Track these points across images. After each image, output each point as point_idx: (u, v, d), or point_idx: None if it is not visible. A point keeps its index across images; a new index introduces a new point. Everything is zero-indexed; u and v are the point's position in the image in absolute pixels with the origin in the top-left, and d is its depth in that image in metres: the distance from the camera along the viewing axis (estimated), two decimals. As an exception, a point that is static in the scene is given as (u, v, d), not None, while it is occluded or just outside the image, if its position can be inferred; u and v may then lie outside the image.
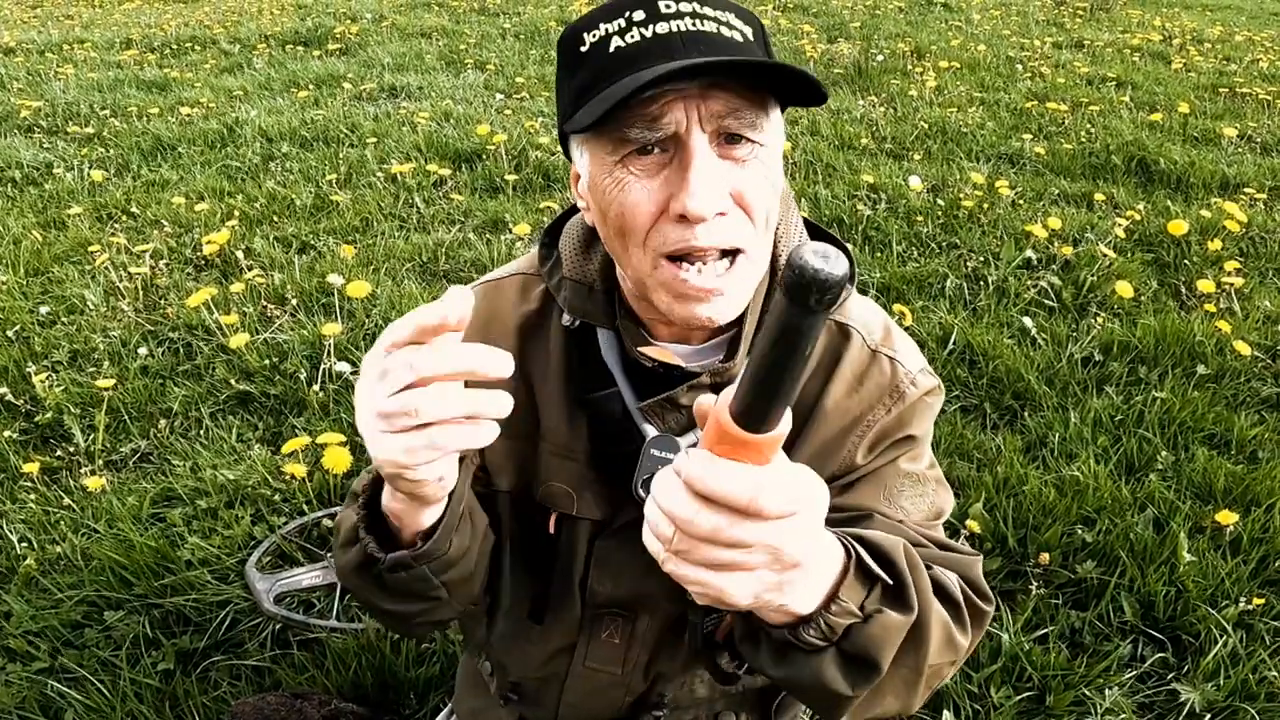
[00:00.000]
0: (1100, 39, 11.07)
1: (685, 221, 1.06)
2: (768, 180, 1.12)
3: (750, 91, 1.07)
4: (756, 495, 0.77)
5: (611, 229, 1.14)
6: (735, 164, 1.08)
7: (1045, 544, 2.95)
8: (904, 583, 1.02)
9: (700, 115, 1.05)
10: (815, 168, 6.44)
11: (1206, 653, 2.60)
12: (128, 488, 3.26)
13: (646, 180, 1.08)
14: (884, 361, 1.31)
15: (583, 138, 1.14)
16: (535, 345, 1.36)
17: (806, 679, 1.00)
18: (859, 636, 0.98)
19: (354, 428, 3.44)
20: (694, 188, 1.04)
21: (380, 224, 5.55)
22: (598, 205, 1.15)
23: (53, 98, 8.32)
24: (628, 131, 1.06)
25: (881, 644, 0.99)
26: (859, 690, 1.01)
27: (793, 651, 0.99)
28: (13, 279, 4.77)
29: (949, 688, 2.49)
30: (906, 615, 1.01)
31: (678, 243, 1.08)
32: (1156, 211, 5.68)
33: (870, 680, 1.01)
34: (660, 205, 1.08)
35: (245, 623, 2.72)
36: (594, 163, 1.13)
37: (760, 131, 1.09)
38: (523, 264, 1.44)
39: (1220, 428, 3.58)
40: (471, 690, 1.74)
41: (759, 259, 1.16)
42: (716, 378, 1.23)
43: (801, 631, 0.96)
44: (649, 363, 1.24)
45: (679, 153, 1.06)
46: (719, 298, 1.11)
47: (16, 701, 2.47)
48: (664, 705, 1.47)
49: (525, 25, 11.64)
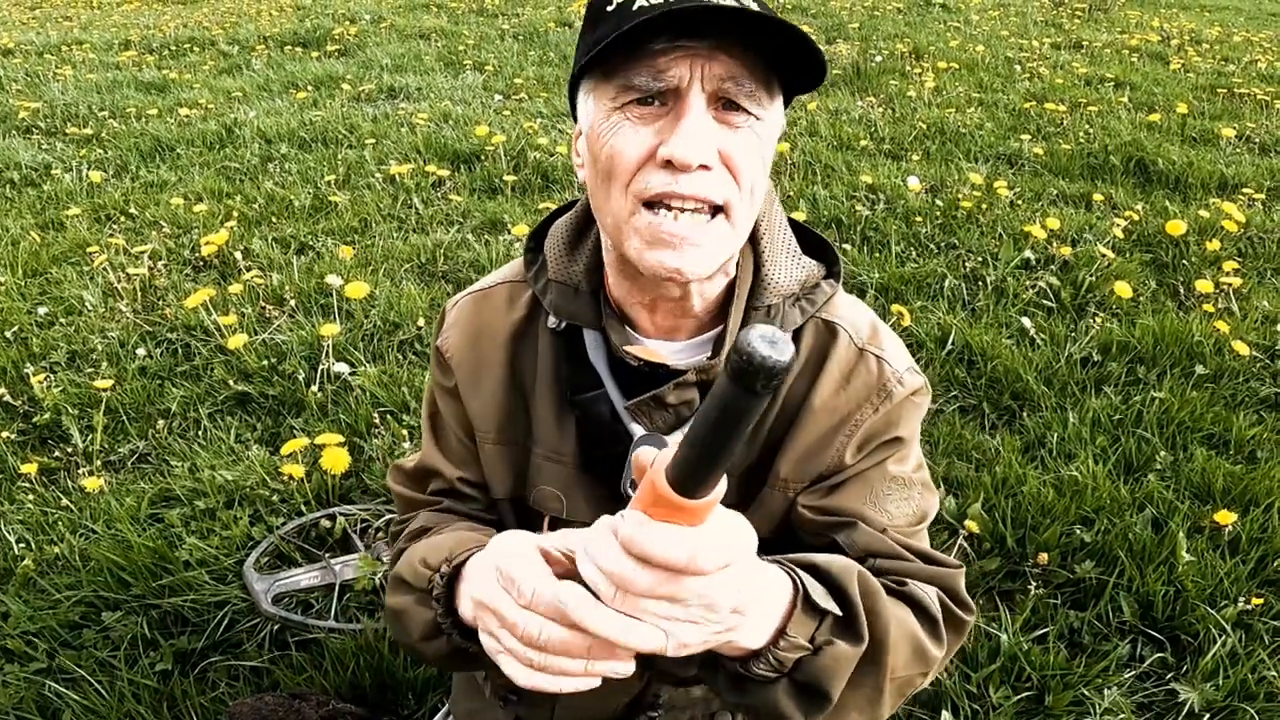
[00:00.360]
0: (1098, 40, 11.08)
1: (670, 168, 1.09)
2: (758, 152, 1.14)
3: (754, 63, 1.10)
4: (694, 557, 0.80)
5: (600, 173, 1.16)
6: (728, 128, 1.11)
7: (1044, 544, 2.95)
8: (854, 613, 1.04)
9: (703, 74, 1.08)
10: (814, 168, 6.44)
11: (1205, 652, 2.60)
12: (126, 488, 3.26)
13: (641, 126, 1.11)
14: (871, 360, 1.31)
15: (590, 86, 1.17)
16: (524, 351, 1.37)
17: (761, 707, 1.05)
18: (809, 668, 1.01)
19: (351, 428, 3.45)
20: (682, 133, 1.07)
21: (379, 225, 5.55)
22: (591, 151, 1.18)
23: (51, 99, 8.32)
24: (633, 78, 1.09)
25: (831, 674, 1.02)
26: (812, 717, 1.05)
27: (747, 682, 1.03)
28: (11, 280, 4.77)
29: (948, 688, 2.49)
30: (857, 646, 1.04)
31: (660, 188, 1.10)
32: (1155, 212, 5.68)
33: (823, 708, 1.05)
34: (649, 151, 1.10)
35: (243, 623, 2.72)
36: (596, 110, 1.15)
37: (758, 105, 1.12)
38: (508, 272, 1.45)
39: (1219, 428, 3.58)
40: (468, 691, 1.74)
41: (739, 226, 1.17)
42: (702, 375, 1.24)
43: (752, 665, 1.00)
44: (635, 362, 1.25)
45: (676, 106, 1.09)
46: (691, 248, 1.12)
47: (14, 702, 2.46)
48: (659, 706, 1.47)
49: (524, 26, 11.64)
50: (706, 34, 1.06)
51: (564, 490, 1.33)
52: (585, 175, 1.24)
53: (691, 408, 1.26)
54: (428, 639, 1.21)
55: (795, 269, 1.31)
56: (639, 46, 1.07)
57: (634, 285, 1.25)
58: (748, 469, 1.32)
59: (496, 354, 1.37)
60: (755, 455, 1.31)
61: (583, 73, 1.17)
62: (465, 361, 1.40)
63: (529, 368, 1.36)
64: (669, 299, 1.24)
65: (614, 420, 1.29)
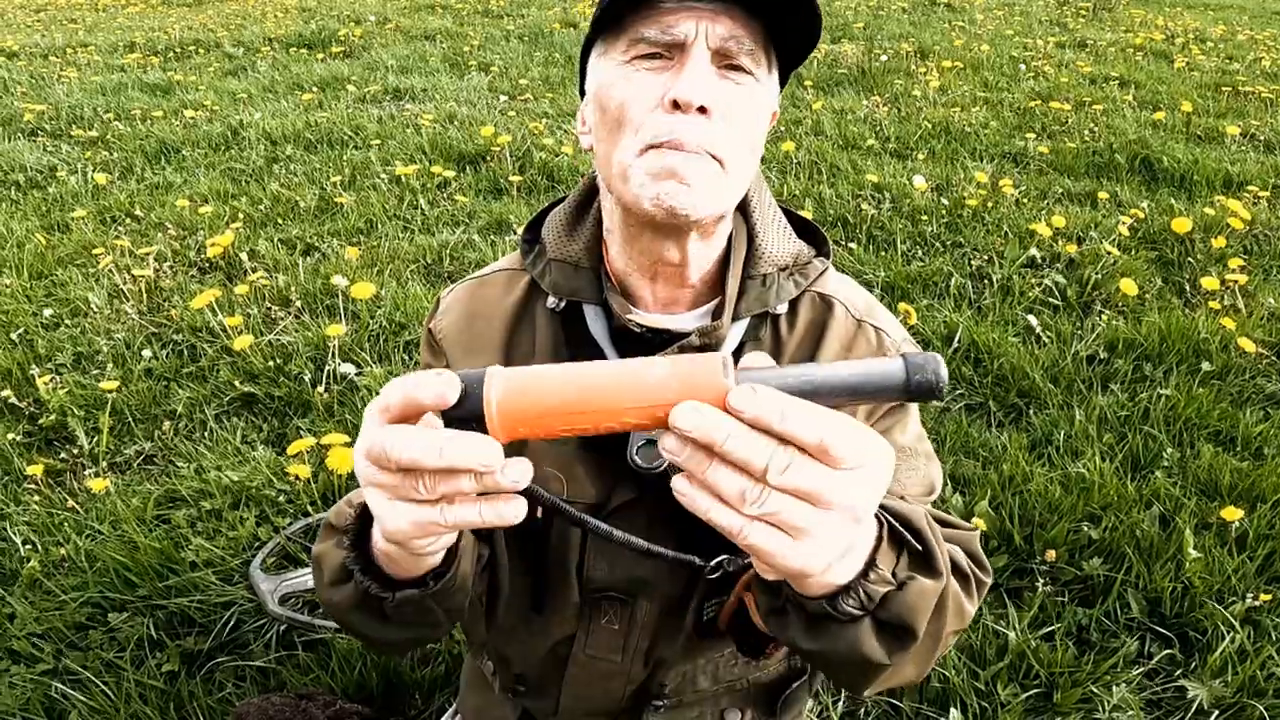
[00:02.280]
0: (1103, 38, 11.07)
1: (676, 111, 1.12)
2: (754, 111, 1.18)
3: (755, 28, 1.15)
4: (832, 434, 0.74)
5: (610, 122, 1.19)
6: (730, 83, 1.16)
7: (1051, 541, 2.95)
8: (930, 549, 1.01)
9: (707, 32, 1.13)
10: (820, 167, 6.43)
11: (1214, 649, 2.59)
12: (132, 490, 3.26)
13: (650, 75, 1.15)
14: (870, 331, 1.33)
15: (601, 49, 1.22)
16: (521, 334, 1.37)
17: (843, 650, 0.98)
18: (895, 604, 0.96)
19: (357, 428, 3.45)
20: (686, 76, 1.12)
21: (384, 226, 5.55)
22: (601, 103, 1.20)
23: (56, 101, 8.33)
24: (642, 30, 1.14)
25: (916, 610, 0.98)
26: (896, 658, 1.00)
27: (828, 623, 0.97)
28: (17, 282, 4.77)
29: (956, 685, 2.48)
30: (937, 581, 1.00)
31: (667, 132, 1.12)
32: (1160, 209, 5.68)
33: (907, 647, 1.00)
34: (657, 98, 1.14)
35: (250, 624, 2.72)
36: (608, 65, 1.20)
37: (758, 65, 1.17)
38: (505, 262, 1.46)
39: (1225, 424, 3.58)
40: (476, 689, 1.73)
41: (736, 178, 1.19)
42: (705, 338, 1.24)
43: (840, 602, 0.93)
44: (638, 328, 1.25)
45: (681, 58, 1.14)
46: (695, 183, 1.14)
47: (20, 703, 2.46)
48: (665, 695, 1.47)
49: (529, 27, 11.65)
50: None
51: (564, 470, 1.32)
52: (591, 139, 1.26)
53: None
54: (335, 584, 1.14)
55: (788, 243, 1.34)
56: (647, 4, 1.13)
57: (636, 249, 1.26)
58: None
59: (493, 336, 1.37)
60: None
61: (595, 35, 1.22)
62: (458, 344, 1.40)
63: (525, 349, 1.36)
64: (669, 264, 1.25)
65: None
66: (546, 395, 0.75)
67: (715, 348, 1.25)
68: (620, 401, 0.75)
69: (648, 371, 0.75)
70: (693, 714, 1.52)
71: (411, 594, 1.07)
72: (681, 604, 1.37)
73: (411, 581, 1.08)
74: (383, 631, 1.17)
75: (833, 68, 9.32)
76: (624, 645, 1.41)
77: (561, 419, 0.75)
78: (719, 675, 1.47)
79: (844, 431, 0.73)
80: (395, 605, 1.08)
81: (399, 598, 1.07)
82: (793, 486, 0.74)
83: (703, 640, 1.40)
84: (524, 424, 0.76)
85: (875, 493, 0.80)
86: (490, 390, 0.75)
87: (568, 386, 0.75)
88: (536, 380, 0.76)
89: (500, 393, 0.75)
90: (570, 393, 0.75)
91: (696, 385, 0.73)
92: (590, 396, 0.75)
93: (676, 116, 1.12)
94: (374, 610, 1.11)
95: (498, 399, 0.75)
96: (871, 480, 0.78)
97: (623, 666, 1.43)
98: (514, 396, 0.75)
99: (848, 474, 0.75)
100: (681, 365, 0.75)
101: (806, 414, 0.72)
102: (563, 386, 0.75)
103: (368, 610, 1.12)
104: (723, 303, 1.27)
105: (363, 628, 1.17)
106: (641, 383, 0.74)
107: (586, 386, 0.75)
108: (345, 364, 3.87)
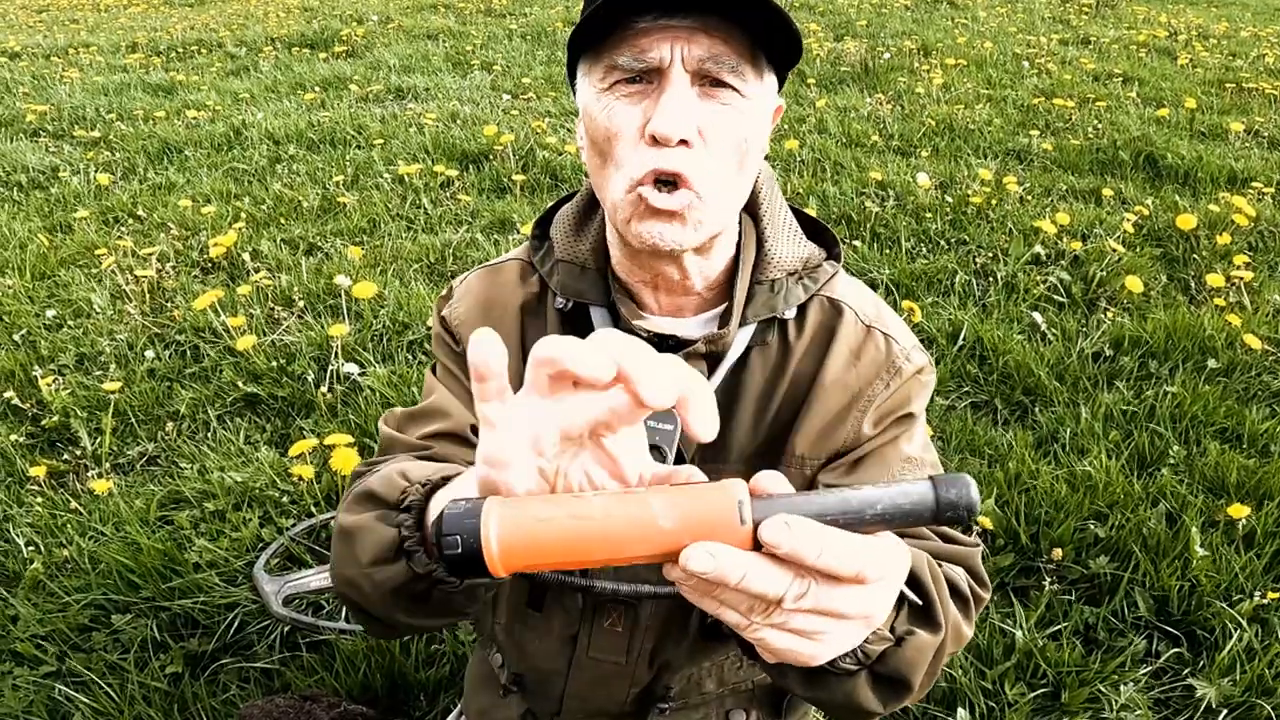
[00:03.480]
0: (1106, 35, 11.05)
1: (656, 145, 1.09)
2: (744, 128, 1.14)
3: (739, 40, 1.10)
4: (868, 562, 0.72)
5: (597, 154, 1.17)
6: (712, 102, 1.11)
7: (1058, 540, 2.94)
8: (931, 601, 1.02)
9: (684, 55, 1.09)
10: (823, 165, 6.42)
11: (1222, 648, 2.58)
12: (135, 491, 3.26)
13: (630, 105, 1.12)
14: (879, 337, 1.31)
15: (584, 69, 1.19)
16: (534, 329, 1.35)
17: (839, 700, 1.00)
18: (893, 659, 0.97)
19: (361, 429, 3.45)
20: (663, 109, 1.08)
21: (387, 225, 5.55)
22: (589, 133, 1.18)
23: (58, 102, 8.33)
24: (616, 57, 1.10)
25: (914, 665, 0.99)
26: (890, 708, 1.02)
27: (826, 677, 0.97)
28: (19, 283, 4.77)
29: (963, 685, 2.47)
30: (935, 635, 1.01)
31: (650, 164, 1.10)
32: (1165, 206, 5.66)
33: (903, 698, 1.01)
34: (639, 129, 1.11)
35: (254, 625, 2.71)
36: (589, 92, 1.17)
37: (742, 80, 1.12)
38: (517, 252, 1.44)
39: (1231, 421, 3.56)
40: (481, 689, 1.72)
41: (724, 201, 1.17)
42: (711, 345, 1.23)
43: (837, 660, 0.93)
44: (645, 334, 1.23)
45: (659, 83, 1.11)
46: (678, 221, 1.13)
47: (24, 705, 2.46)
48: (670, 699, 1.46)
49: (531, 26, 11.65)
50: (688, 12, 1.08)
51: None
52: (585, 158, 1.24)
53: None
54: (379, 563, 1.05)
55: (797, 247, 1.32)
56: (621, 26, 1.09)
57: (635, 264, 1.25)
58: (757, 451, 1.30)
59: (510, 324, 1.34)
60: (764, 437, 1.30)
61: (576, 57, 1.19)
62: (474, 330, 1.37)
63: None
64: (669, 279, 1.24)
65: None
66: (549, 538, 0.72)
67: (721, 354, 1.25)
68: (628, 548, 0.72)
69: (658, 511, 0.72)
70: (698, 715, 1.51)
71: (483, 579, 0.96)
72: (686, 606, 1.35)
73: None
74: (416, 618, 1.10)
75: (836, 65, 9.30)
76: (628, 647, 1.40)
77: (563, 560, 0.73)
78: (724, 677, 1.46)
79: (876, 555, 0.72)
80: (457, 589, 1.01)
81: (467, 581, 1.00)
82: (810, 608, 0.73)
83: (708, 643, 1.39)
84: (525, 565, 0.73)
85: (891, 596, 0.79)
86: (488, 528, 0.72)
87: (570, 528, 0.72)
88: (537, 521, 0.72)
89: (499, 530, 0.72)
90: (573, 536, 0.72)
91: (711, 530, 0.71)
92: (594, 542, 0.72)
93: (658, 151, 1.09)
94: (418, 593, 1.04)
95: (497, 536, 0.72)
96: (891, 587, 0.77)
97: (627, 669, 1.42)
98: (514, 537, 0.72)
99: (869, 587, 0.74)
100: (696, 509, 0.71)
101: (844, 547, 0.70)
102: (564, 528, 0.72)
103: (411, 593, 1.05)
104: (730, 308, 1.26)
105: (396, 612, 1.08)
106: (651, 526, 0.71)
107: (591, 531, 0.72)
108: (348, 364, 3.86)
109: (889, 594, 0.78)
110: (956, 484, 0.69)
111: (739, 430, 1.28)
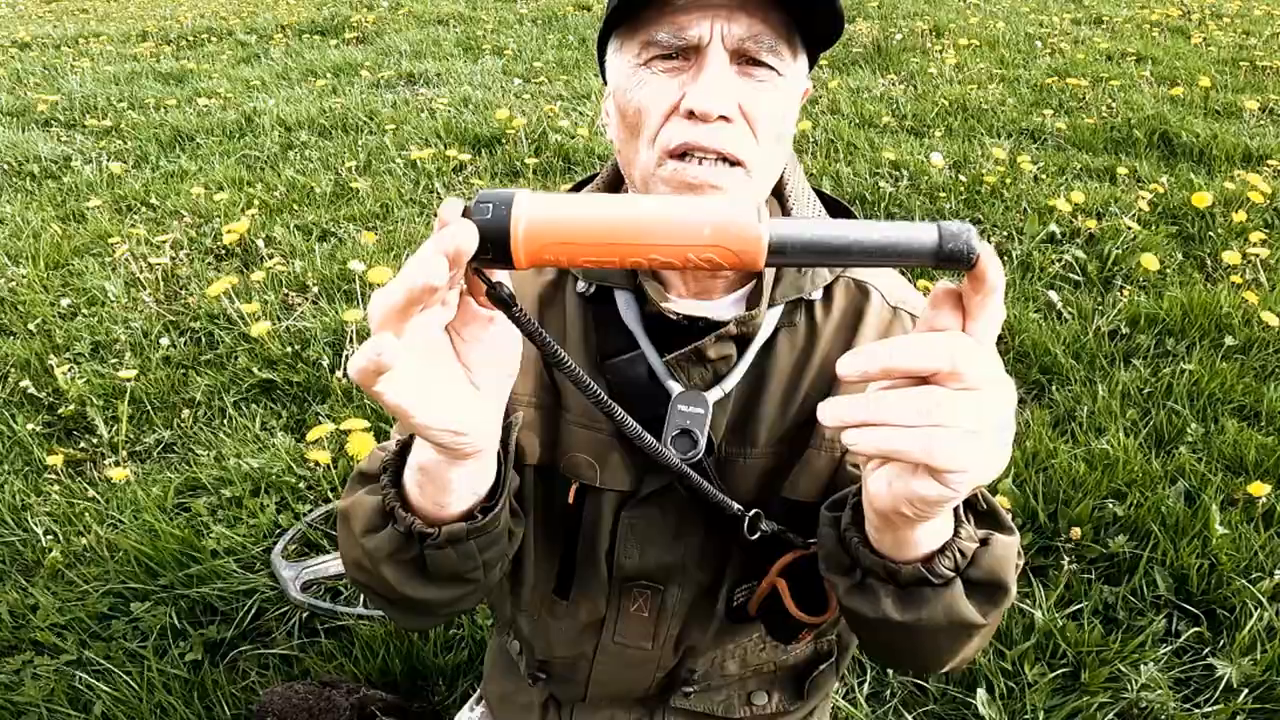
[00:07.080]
0: (1119, 15, 11.00)
1: (693, 119, 1.09)
2: (779, 106, 1.14)
3: (776, 20, 1.10)
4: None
5: (627, 127, 1.16)
6: (750, 80, 1.11)
7: (1076, 519, 2.93)
8: (995, 507, 1.05)
9: (723, 33, 1.08)
10: (837, 146, 6.40)
11: (1242, 626, 2.57)
12: (152, 478, 3.26)
13: (665, 79, 1.11)
14: (906, 318, 1.31)
15: (617, 44, 1.18)
16: (552, 317, 1.34)
17: (939, 616, 1.00)
18: (985, 558, 0.99)
19: (377, 414, 3.45)
20: (702, 85, 1.07)
21: (400, 210, 5.54)
22: (619, 107, 1.17)
23: (69, 91, 8.35)
24: (654, 33, 1.09)
25: (1005, 563, 1.00)
26: (991, 617, 1.03)
27: (923, 590, 0.99)
28: (33, 272, 4.78)
29: (983, 666, 2.47)
30: (1010, 535, 1.03)
31: (683, 139, 1.09)
32: (1180, 184, 5.63)
33: (999, 604, 1.02)
34: (673, 103, 1.10)
35: (272, 611, 2.72)
36: (622, 66, 1.16)
37: (779, 59, 1.12)
38: None
39: (1249, 399, 3.55)
40: (500, 674, 1.72)
41: (759, 177, 1.16)
42: (743, 327, 1.22)
43: (936, 564, 0.97)
44: (674, 316, 1.22)
45: (698, 59, 1.10)
46: (713, 191, 1.11)
47: (45, 694, 2.46)
48: (694, 682, 1.45)
49: (543, 10, 11.63)
50: None
51: (596, 457, 1.30)
52: (613, 133, 1.23)
53: (729, 363, 1.24)
54: (369, 531, 1.09)
55: None
56: (660, 2, 1.08)
57: None
58: (786, 433, 1.30)
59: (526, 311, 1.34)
60: (792, 420, 1.29)
61: (610, 29, 1.18)
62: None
63: (556, 334, 1.33)
64: None
65: (650, 380, 1.27)
66: (574, 221, 0.74)
67: (752, 336, 1.24)
68: (650, 237, 0.74)
69: (681, 212, 0.74)
70: (720, 697, 1.51)
71: (458, 528, 1.03)
72: (712, 590, 1.35)
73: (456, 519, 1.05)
74: (420, 589, 1.11)
75: (848, 46, 9.27)
76: (654, 633, 1.40)
77: (586, 248, 0.75)
78: (747, 660, 1.46)
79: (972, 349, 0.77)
80: (438, 545, 1.04)
81: (444, 533, 1.03)
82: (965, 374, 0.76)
83: (733, 626, 1.39)
84: (549, 249, 0.75)
85: (1000, 450, 0.83)
86: (518, 209, 0.74)
87: (597, 215, 0.74)
88: (566, 205, 0.75)
89: (528, 213, 0.74)
90: (599, 222, 0.74)
91: (730, 232, 0.73)
92: (620, 227, 0.74)
93: (692, 124, 1.09)
94: (413, 559, 1.07)
95: (525, 218, 0.74)
96: (999, 428, 0.81)
97: (653, 654, 1.42)
98: (541, 220, 0.74)
99: (978, 395, 0.78)
100: (718, 211, 0.74)
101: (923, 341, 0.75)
102: (592, 215, 0.74)
103: (406, 559, 1.08)
104: (758, 289, 1.25)
105: (399, 584, 1.10)
106: (673, 221, 0.74)
107: (617, 217, 0.74)
108: (363, 350, 3.86)
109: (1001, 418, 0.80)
110: (961, 228, 0.73)
111: (768, 412, 1.27)
